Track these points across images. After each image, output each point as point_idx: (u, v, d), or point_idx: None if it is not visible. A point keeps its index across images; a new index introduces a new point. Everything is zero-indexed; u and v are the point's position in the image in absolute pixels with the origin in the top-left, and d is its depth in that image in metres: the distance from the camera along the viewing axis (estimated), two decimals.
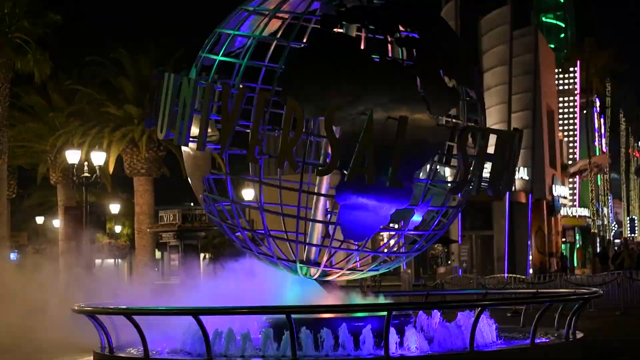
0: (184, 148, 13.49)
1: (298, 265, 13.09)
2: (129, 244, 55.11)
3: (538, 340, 13.17)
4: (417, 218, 13.05)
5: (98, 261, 59.27)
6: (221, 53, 12.78)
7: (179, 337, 13.14)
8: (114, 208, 53.45)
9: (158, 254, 49.15)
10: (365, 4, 12.41)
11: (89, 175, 33.50)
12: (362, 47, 12.79)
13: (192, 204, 53.95)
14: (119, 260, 67.06)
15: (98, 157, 33.61)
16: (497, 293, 18.89)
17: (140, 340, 12.30)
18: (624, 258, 42.70)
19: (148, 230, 43.53)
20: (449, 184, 13.44)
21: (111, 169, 41.41)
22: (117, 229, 63.95)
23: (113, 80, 42.60)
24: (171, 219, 48.09)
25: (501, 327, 14.33)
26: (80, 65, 43.73)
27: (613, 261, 42.40)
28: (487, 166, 12.75)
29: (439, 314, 14.07)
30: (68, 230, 42.37)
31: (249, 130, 12.33)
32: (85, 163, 33.76)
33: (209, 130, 12.27)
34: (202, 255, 45.98)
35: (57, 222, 47.81)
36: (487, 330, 13.38)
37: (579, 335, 13.97)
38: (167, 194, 54.71)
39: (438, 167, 13.45)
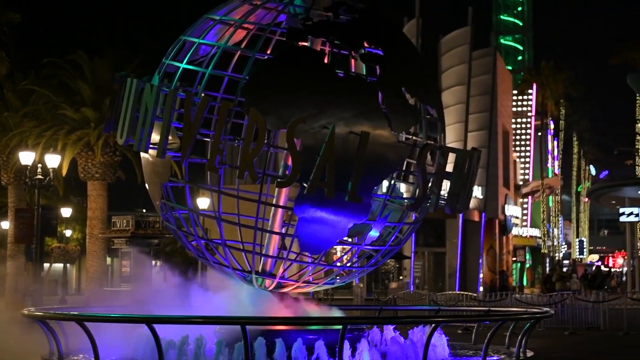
0: (143, 154, 13.41)
1: (253, 276, 13.07)
2: (79, 248, 54.64)
3: (489, 359, 13.26)
4: (374, 233, 13.10)
5: (46, 265, 58.75)
6: (185, 61, 12.76)
7: (130, 344, 13.02)
8: (66, 212, 52.92)
9: (109, 260, 48.72)
10: (332, 19, 12.46)
11: (42, 177, 33.15)
12: (326, 61, 12.82)
13: (144, 210, 53.64)
14: (68, 265, 66.45)
15: (52, 160, 33.24)
16: (449, 310, 19.00)
17: (91, 347, 12.17)
18: (554, 281, 43.41)
19: (100, 235, 43.14)
20: (407, 201, 13.52)
21: (65, 172, 40.99)
22: (68, 233, 63.29)
23: (70, 83, 42.22)
24: (124, 224, 47.72)
25: (452, 344, 14.44)
26: (37, 66, 43.29)
27: (545, 283, 43.13)
28: (445, 184, 12.85)
29: (392, 329, 14.12)
30: (17, 232, 41.82)
31: (208, 139, 12.31)
32: (39, 165, 33.41)
33: (170, 137, 12.21)
34: (154, 262, 45.65)
35: (5, 224, 47.24)
36: (440, 346, 13.46)
37: (530, 353, 14.10)
38: (121, 200, 54.37)
39: (396, 183, 13.53)
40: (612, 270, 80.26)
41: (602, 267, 74.34)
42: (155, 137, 12.17)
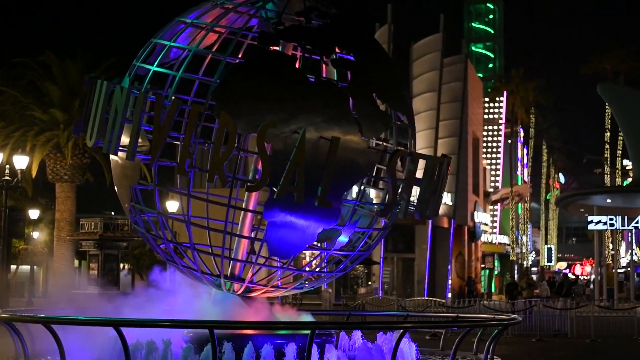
0: (112, 157, 13.34)
1: (222, 280, 13.04)
2: (47, 251, 54.21)
3: None
4: (343, 238, 13.10)
5: (13, 267, 58.25)
6: (156, 63, 12.71)
7: (98, 347, 12.94)
8: (34, 213, 52.50)
9: (77, 262, 48.41)
10: (304, 24, 12.46)
11: (10, 178, 32.91)
12: (297, 66, 12.82)
13: (113, 212, 53.35)
14: (35, 267, 65.90)
15: (20, 161, 33.00)
16: (418, 316, 19.04)
17: (58, 350, 12.09)
18: (522, 287, 43.78)
19: (68, 238, 42.88)
20: (377, 206, 13.54)
21: (34, 174, 40.73)
22: (35, 235, 62.80)
23: (40, 84, 41.99)
24: (92, 227, 47.40)
25: (420, 349, 14.46)
26: (6, 66, 43.01)
27: (507, 291, 43.47)
28: (415, 190, 12.88)
29: (360, 334, 14.14)
30: None
31: (178, 143, 12.27)
32: (7, 166, 33.17)
33: (139, 140, 12.16)
34: (122, 265, 45.46)
35: None
36: (408, 351, 13.49)
37: None
38: (90, 202, 54.03)
39: (366, 189, 13.55)
40: (580, 278, 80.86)
41: (570, 275, 74.83)
42: (124, 139, 12.12)
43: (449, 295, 51.93)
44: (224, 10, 12.98)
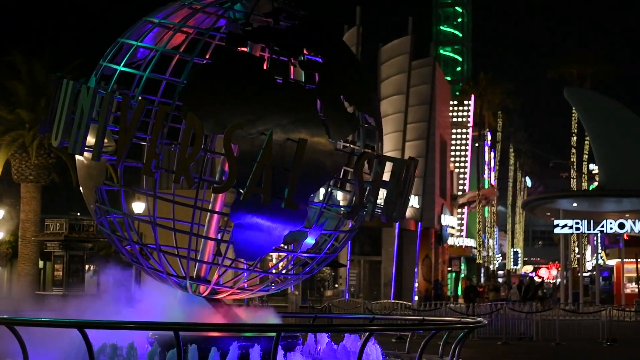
0: (77, 157, 13.23)
1: (188, 282, 12.97)
2: (11, 251, 53.69)
3: None
4: (310, 241, 13.08)
5: None
6: (122, 63, 12.62)
7: (62, 349, 12.82)
8: None
9: (41, 264, 48.00)
10: (272, 25, 12.43)
11: None
12: (265, 67, 12.79)
13: (78, 213, 52.95)
14: None
15: None
16: (384, 318, 19.05)
17: (22, 351, 11.97)
18: (488, 289, 44.05)
19: (32, 238, 42.53)
20: (344, 209, 13.53)
21: None
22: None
23: (6, 83, 41.63)
24: (57, 228, 46.94)
25: (386, 352, 14.47)
26: None
27: (465, 295, 43.79)
28: (382, 193, 12.89)
29: (326, 337, 14.11)
30: None
31: (145, 143, 12.19)
32: None
33: (105, 140, 12.07)
34: (87, 266, 45.09)
35: None
36: (374, 354, 13.48)
37: None
38: (55, 203, 53.62)
39: (333, 191, 13.54)
40: (545, 281, 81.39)
41: (535, 278, 75.31)
42: (90, 139, 12.02)
43: (416, 298, 52.07)
44: (192, 11, 12.91)
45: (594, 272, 57.12)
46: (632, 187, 47.54)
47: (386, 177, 12.78)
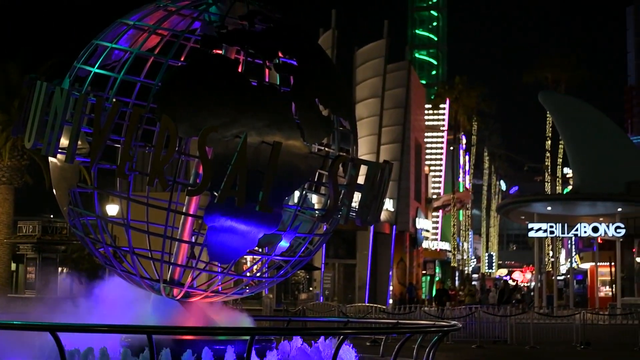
0: (51, 159, 13.14)
1: (161, 285, 12.91)
2: None
3: None
4: (284, 244, 13.06)
5: None
6: (97, 65, 12.55)
7: (34, 353, 12.73)
8: None
9: (14, 266, 47.69)
10: (247, 27, 12.41)
11: None
12: (240, 70, 12.76)
13: (51, 215, 52.63)
14: None
15: None
16: (358, 322, 19.04)
17: None
18: (465, 294, 44.21)
19: (5, 240, 42.24)
20: (318, 212, 13.53)
21: None
22: None
23: None
24: (30, 230, 46.68)
25: (361, 356, 14.45)
26: None
27: (436, 298, 43.91)
28: (357, 196, 12.89)
29: (300, 340, 14.09)
30: None
31: (119, 145, 12.13)
32: None
33: (79, 142, 12.01)
34: (60, 269, 44.85)
35: None
36: (348, 357, 13.47)
37: None
38: (28, 205, 53.21)
39: (307, 194, 13.52)
40: (519, 284, 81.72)
41: (509, 281, 75.63)
42: (64, 141, 11.94)
43: (390, 301, 52.11)
44: (167, 13, 12.88)
45: (568, 276, 57.39)
46: (606, 191, 47.82)
47: (361, 180, 12.78)
